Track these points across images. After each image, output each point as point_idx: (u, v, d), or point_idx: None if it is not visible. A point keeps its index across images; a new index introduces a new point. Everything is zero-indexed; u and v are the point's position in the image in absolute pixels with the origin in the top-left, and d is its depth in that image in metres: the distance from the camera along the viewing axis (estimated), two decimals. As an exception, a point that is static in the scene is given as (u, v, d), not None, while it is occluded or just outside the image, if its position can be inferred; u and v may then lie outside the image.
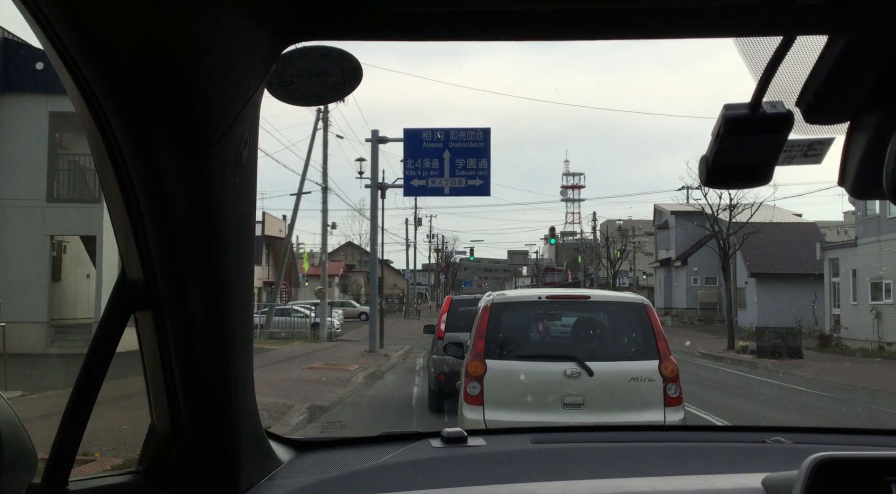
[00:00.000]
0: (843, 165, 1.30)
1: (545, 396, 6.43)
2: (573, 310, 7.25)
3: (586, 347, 6.75)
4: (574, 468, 2.11)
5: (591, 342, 6.95)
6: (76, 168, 23.43)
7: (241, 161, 1.42)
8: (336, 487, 1.92)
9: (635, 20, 1.20)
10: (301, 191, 36.46)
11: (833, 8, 1.13)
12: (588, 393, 6.38)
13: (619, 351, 6.90)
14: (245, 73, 1.29)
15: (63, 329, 22.83)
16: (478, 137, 26.16)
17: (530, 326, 7.33)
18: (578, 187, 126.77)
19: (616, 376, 6.50)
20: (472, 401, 6.43)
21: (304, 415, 12.18)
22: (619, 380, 6.48)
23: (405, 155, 26.10)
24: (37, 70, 21.93)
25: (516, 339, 6.98)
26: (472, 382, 6.47)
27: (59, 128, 22.94)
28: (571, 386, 6.40)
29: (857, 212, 32.67)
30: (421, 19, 1.20)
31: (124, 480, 1.66)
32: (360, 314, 55.27)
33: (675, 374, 6.42)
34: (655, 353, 6.52)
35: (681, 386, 6.46)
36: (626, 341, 6.98)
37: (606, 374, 6.47)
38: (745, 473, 1.92)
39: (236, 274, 1.54)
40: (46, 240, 22.40)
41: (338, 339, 34.67)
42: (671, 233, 57.08)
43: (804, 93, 1.27)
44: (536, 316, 7.33)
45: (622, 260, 59.17)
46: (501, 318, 6.80)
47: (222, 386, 1.61)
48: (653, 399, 6.37)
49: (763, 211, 36.58)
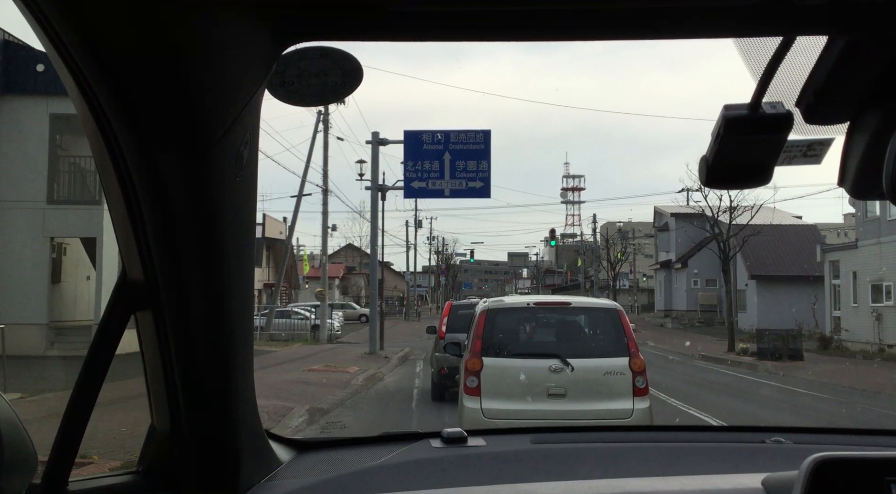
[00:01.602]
0: (843, 166, 1.30)
1: (533, 388, 7.47)
2: (557, 315, 8.47)
3: (567, 346, 7.86)
4: (574, 468, 2.11)
5: (571, 342, 8.14)
6: (76, 170, 23.41)
7: (241, 162, 1.42)
8: (336, 487, 1.92)
9: (635, 20, 1.20)
10: (301, 193, 36.44)
11: (833, 8, 1.13)
12: (569, 385, 7.46)
13: (594, 350, 7.99)
14: (245, 74, 1.29)
15: (63, 331, 22.80)
16: (478, 139, 26.13)
17: (520, 328, 8.44)
18: (578, 189, 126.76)
19: (592, 371, 7.58)
20: (471, 393, 7.47)
21: (303, 417, 12.17)
22: (595, 374, 7.57)
23: (405, 157, 26.04)
24: (37, 72, 21.93)
25: (508, 340, 8.07)
26: (471, 376, 7.51)
27: (59, 130, 22.91)
28: (555, 379, 7.47)
29: (858, 213, 32.62)
30: (421, 19, 1.20)
31: (124, 480, 1.66)
32: (361, 316, 55.22)
33: (642, 369, 7.53)
34: (626, 351, 7.61)
35: (647, 379, 7.60)
36: (601, 341, 8.07)
37: (584, 369, 7.55)
38: (745, 473, 1.93)
39: (237, 275, 1.54)
40: (46, 242, 22.38)
41: (338, 341, 34.63)
42: (671, 235, 57.06)
43: (804, 93, 1.27)
44: (525, 319, 8.44)
45: (622, 263, 59.00)
46: (495, 322, 7.92)
47: (222, 386, 1.61)
48: (624, 390, 7.42)
49: (763, 213, 36.57)
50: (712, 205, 32.97)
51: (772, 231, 39.48)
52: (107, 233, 22.26)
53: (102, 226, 22.07)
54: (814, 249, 37.22)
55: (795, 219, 51.64)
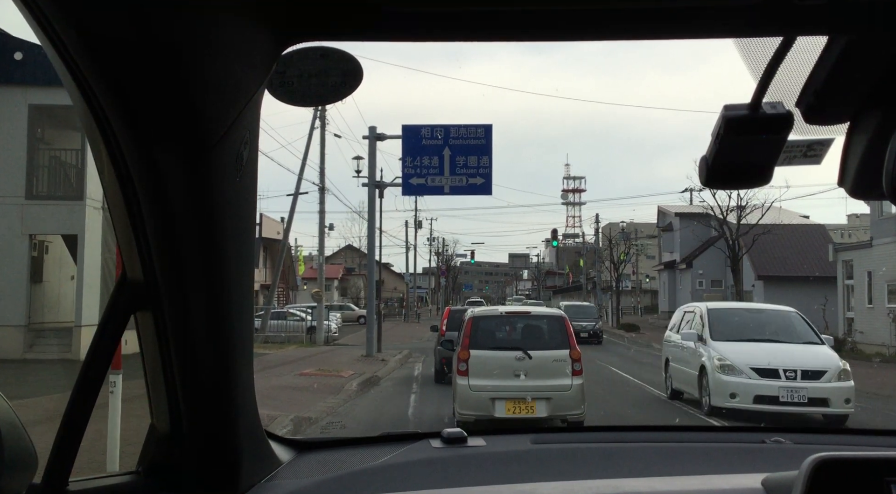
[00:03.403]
0: (843, 166, 1.32)
1: (504, 370, 10.76)
2: (521, 320, 11.95)
3: (528, 342, 11.18)
4: (574, 468, 2.14)
5: (530, 339, 11.38)
6: (58, 163, 22.52)
7: (241, 162, 1.44)
8: (336, 487, 1.95)
9: (635, 20, 1.21)
10: (298, 192, 35.29)
11: (833, 8, 1.15)
12: (528, 368, 10.75)
13: (546, 344, 11.20)
14: (245, 74, 1.31)
15: (43, 333, 21.75)
16: (479, 134, 25.44)
17: (496, 329, 11.74)
18: (579, 191, 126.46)
19: (545, 359, 10.84)
20: (462, 374, 10.79)
21: (287, 428, 11.07)
22: (546, 361, 10.81)
23: (404, 152, 25.48)
24: (15, 60, 20.91)
25: (487, 337, 11.34)
26: (461, 363, 10.86)
27: (39, 122, 22.06)
28: (519, 365, 10.76)
29: (873, 212, 31.48)
30: (421, 19, 1.22)
31: (124, 480, 1.68)
32: (359, 317, 54.19)
33: (578, 357, 10.86)
34: (568, 345, 10.96)
35: (582, 363, 10.88)
36: (551, 338, 11.32)
37: (539, 357, 10.83)
38: (745, 473, 1.95)
39: (236, 275, 1.56)
40: (25, 240, 21.50)
41: (335, 343, 33.67)
42: (675, 235, 55.98)
43: (804, 93, 1.29)
44: (499, 323, 11.90)
45: (625, 264, 57.63)
46: (479, 325, 11.32)
47: (222, 386, 1.63)
48: (566, 372, 10.69)
49: (770, 212, 35.70)
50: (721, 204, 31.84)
51: (779, 230, 38.49)
52: (89, 231, 21.19)
53: (85, 223, 21.04)
54: (822, 249, 36.45)
55: (802, 219, 50.44)
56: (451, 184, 24.54)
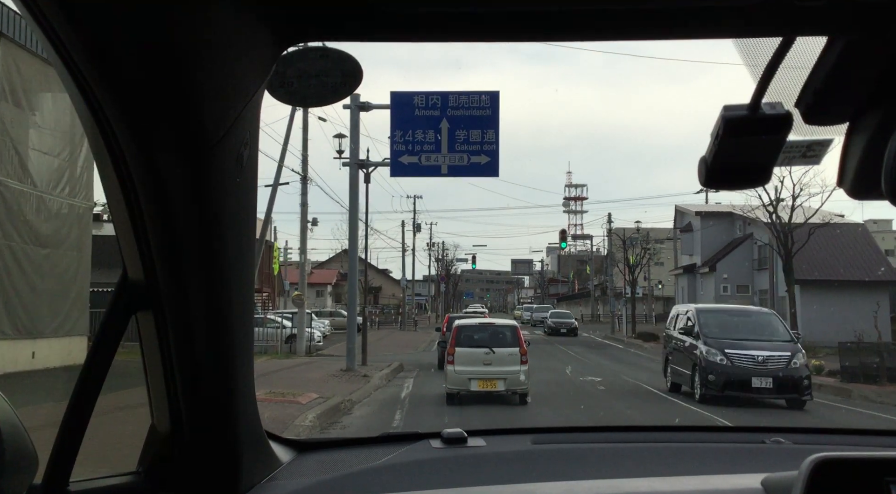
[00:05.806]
0: (843, 166, 1.32)
1: (476, 360, 16.07)
2: (490, 327, 17.54)
3: (493, 341, 16.49)
4: (574, 468, 2.14)
5: (495, 339, 16.65)
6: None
7: (241, 162, 1.44)
8: (336, 487, 1.96)
9: (635, 21, 1.21)
10: (277, 182, 30.33)
11: (833, 8, 1.15)
12: (493, 360, 16.05)
13: (504, 343, 16.48)
14: (245, 74, 1.32)
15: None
16: (483, 103, 21.42)
17: (473, 333, 17.01)
18: (581, 199, 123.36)
19: (503, 353, 16.14)
20: (451, 363, 16.23)
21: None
22: (504, 355, 16.10)
23: (393, 125, 21.37)
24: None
25: (467, 339, 16.70)
26: (450, 356, 16.41)
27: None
28: (487, 357, 16.06)
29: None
30: (421, 20, 1.22)
31: (125, 480, 1.68)
32: (352, 324, 49.46)
33: (525, 352, 16.30)
34: (517, 344, 16.38)
35: (527, 354, 16.29)
36: (507, 339, 16.69)
37: (500, 352, 16.15)
38: (745, 473, 1.95)
39: (237, 275, 1.57)
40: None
41: (318, 354, 29.11)
42: (696, 236, 51.13)
43: (803, 94, 1.29)
44: (476, 329, 17.36)
45: (640, 269, 52.74)
46: (462, 331, 16.93)
47: (223, 386, 1.63)
48: (516, 361, 16.03)
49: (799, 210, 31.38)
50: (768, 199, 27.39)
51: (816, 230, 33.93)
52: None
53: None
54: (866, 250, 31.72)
55: (838, 218, 45.76)
56: (450, 163, 20.58)
